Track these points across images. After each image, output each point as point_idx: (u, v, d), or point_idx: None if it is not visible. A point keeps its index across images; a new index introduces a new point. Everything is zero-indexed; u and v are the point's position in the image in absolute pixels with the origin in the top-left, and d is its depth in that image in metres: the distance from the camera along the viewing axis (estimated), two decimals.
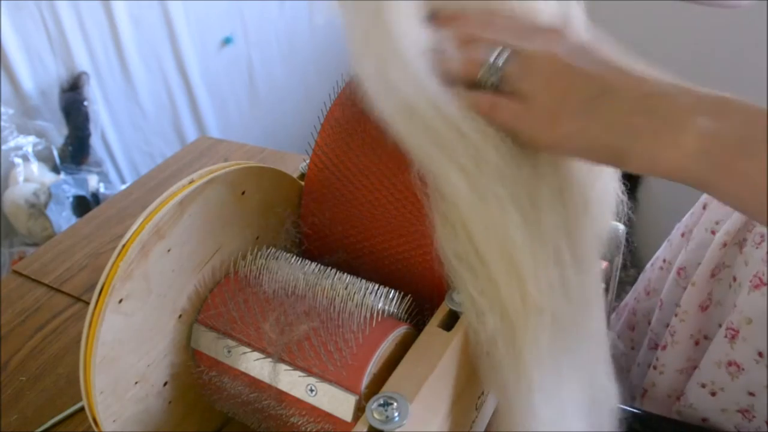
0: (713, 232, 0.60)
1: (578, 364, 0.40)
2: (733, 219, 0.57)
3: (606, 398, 0.44)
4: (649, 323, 0.71)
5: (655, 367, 0.65)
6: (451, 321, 0.39)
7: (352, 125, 0.45)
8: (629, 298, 0.79)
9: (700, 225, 0.63)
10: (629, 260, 1.60)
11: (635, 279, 0.80)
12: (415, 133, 0.35)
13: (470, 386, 0.42)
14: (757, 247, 0.54)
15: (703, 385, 0.58)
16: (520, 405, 0.38)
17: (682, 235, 0.69)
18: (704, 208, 0.65)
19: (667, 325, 0.64)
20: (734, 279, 0.57)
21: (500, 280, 0.35)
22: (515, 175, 0.35)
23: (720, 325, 0.57)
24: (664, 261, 0.71)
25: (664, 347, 0.64)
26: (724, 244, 0.57)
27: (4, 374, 0.61)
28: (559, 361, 0.38)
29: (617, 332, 0.78)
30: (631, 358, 0.75)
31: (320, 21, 1.95)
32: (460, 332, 0.38)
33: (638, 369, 0.72)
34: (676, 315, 0.62)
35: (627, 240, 0.48)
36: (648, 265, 0.77)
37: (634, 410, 0.58)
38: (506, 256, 0.35)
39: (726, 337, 0.55)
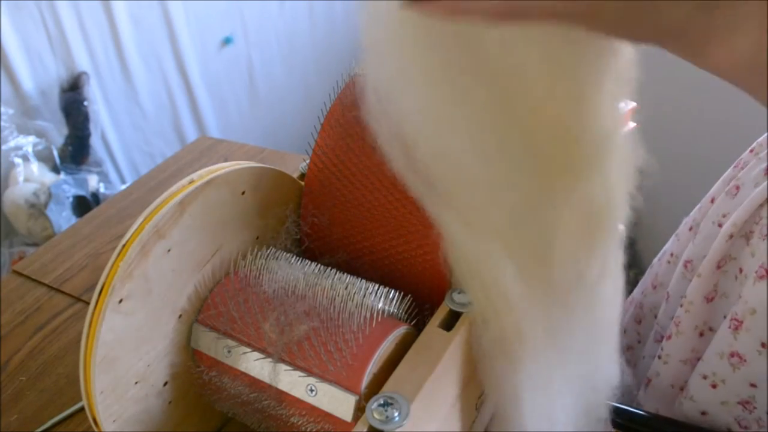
0: (720, 225, 0.60)
1: (574, 378, 0.40)
2: (740, 211, 0.57)
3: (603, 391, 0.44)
4: (656, 317, 0.71)
5: (659, 357, 0.65)
6: (451, 321, 0.39)
7: (352, 125, 0.45)
8: (636, 293, 0.79)
9: (707, 218, 0.63)
10: (629, 260, 1.60)
11: (635, 279, 0.80)
12: (415, 173, 0.32)
13: (470, 386, 0.42)
14: (764, 239, 0.54)
15: (705, 377, 0.58)
16: (510, 413, 0.38)
17: (690, 228, 0.69)
18: (712, 201, 0.65)
19: (673, 317, 0.65)
20: (740, 270, 0.57)
21: (501, 310, 0.35)
22: (520, 231, 0.33)
23: (725, 317, 0.57)
24: (672, 255, 0.71)
25: (669, 337, 0.64)
26: (731, 236, 0.57)
27: (4, 374, 0.61)
28: (553, 377, 0.38)
29: (624, 326, 0.78)
30: (637, 351, 0.75)
31: (320, 21, 1.96)
32: (460, 332, 0.38)
33: (644, 361, 0.72)
34: (681, 306, 0.62)
35: (628, 239, 0.48)
36: (655, 260, 0.77)
37: (637, 411, 0.58)
38: (503, 298, 0.34)
39: (729, 327, 0.55)
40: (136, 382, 0.40)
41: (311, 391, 0.38)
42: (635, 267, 1.60)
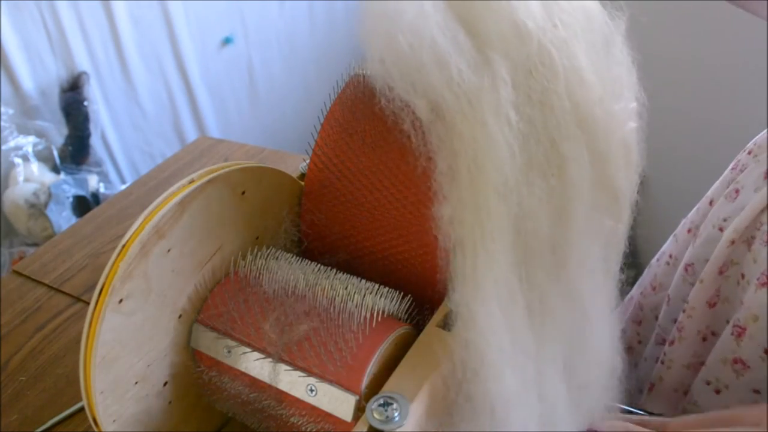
0: (721, 229, 0.60)
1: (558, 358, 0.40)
2: (741, 216, 0.57)
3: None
4: (656, 318, 0.71)
5: (662, 362, 0.65)
6: (451, 321, 0.39)
7: (352, 125, 0.45)
8: (635, 293, 0.79)
9: (707, 221, 0.63)
10: (629, 260, 1.60)
11: (634, 279, 0.80)
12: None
13: None
14: (764, 245, 0.54)
15: (708, 383, 0.58)
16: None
17: (689, 231, 0.68)
18: (711, 204, 0.65)
19: (675, 321, 0.64)
20: (742, 276, 0.57)
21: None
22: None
23: (727, 322, 0.57)
24: (671, 256, 0.71)
25: (672, 342, 0.64)
26: (732, 242, 0.57)
27: (4, 374, 0.61)
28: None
29: (623, 326, 0.78)
30: (638, 352, 0.75)
31: (320, 21, 1.96)
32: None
33: (645, 363, 0.72)
34: (683, 311, 0.62)
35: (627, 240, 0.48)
36: (654, 260, 0.77)
37: (639, 412, 0.58)
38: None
39: (732, 334, 0.55)
40: (136, 382, 0.40)
41: (311, 391, 0.38)
42: (634, 267, 1.60)
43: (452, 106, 0.34)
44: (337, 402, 0.37)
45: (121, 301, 0.37)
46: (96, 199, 1.39)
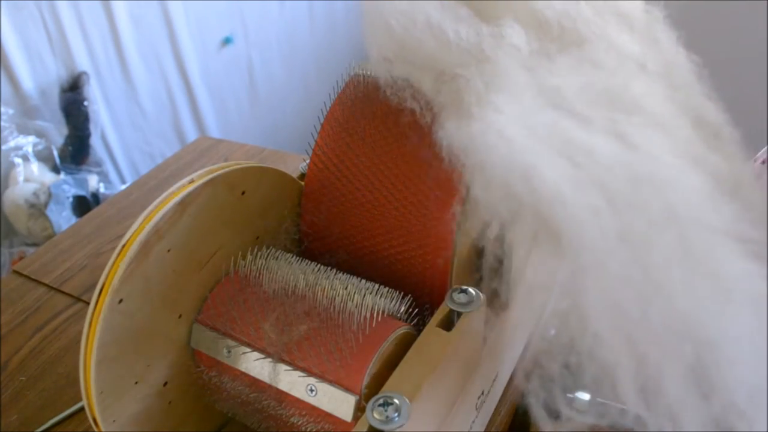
0: None
1: None
2: None
3: None
4: None
5: None
6: (451, 321, 0.39)
7: (352, 125, 0.45)
8: None
9: None
10: None
11: None
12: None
13: (470, 386, 0.42)
14: None
15: None
16: None
17: None
18: None
19: None
20: None
21: None
22: None
23: None
24: None
25: None
26: None
27: (4, 374, 0.61)
28: None
29: None
30: None
31: (320, 21, 1.96)
32: (460, 332, 0.38)
33: None
34: None
35: None
36: None
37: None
38: None
39: None
40: (136, 382, 0.40)
41: (311, 391, 0.38)
42: None
43: (454, 61, 0.34)
44: (337, 402, 0.37)
45: (121, 301, 0.37)
46: (96, 199, 1.39)
